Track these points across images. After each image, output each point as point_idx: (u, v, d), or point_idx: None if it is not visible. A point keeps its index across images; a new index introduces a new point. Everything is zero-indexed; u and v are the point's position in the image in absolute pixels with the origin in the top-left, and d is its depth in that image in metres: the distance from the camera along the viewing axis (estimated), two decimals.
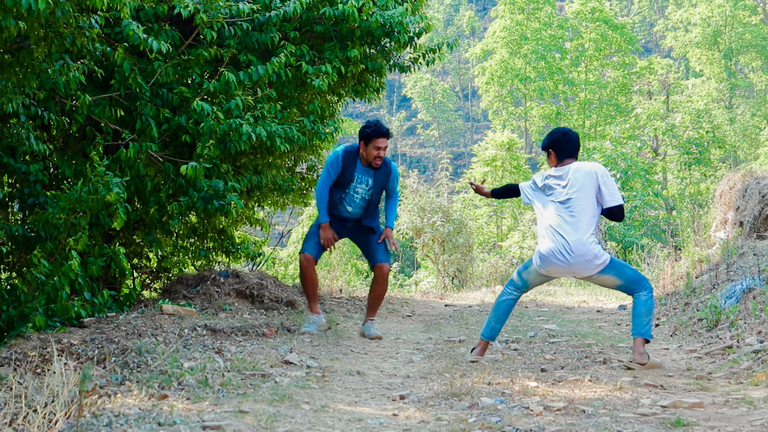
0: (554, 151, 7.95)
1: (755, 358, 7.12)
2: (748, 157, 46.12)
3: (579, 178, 7.71)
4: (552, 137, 8.03)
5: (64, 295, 8.24)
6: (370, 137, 9.28)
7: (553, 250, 7.63)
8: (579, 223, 7.61)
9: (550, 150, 7.98)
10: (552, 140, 8.00)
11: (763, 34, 54.25)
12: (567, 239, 7.57)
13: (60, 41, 8.08)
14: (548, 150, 8.01)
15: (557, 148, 7.94)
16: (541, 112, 50.08)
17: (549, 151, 8.00)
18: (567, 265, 7.62)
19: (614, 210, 7.75)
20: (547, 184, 7.89)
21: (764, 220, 13.77)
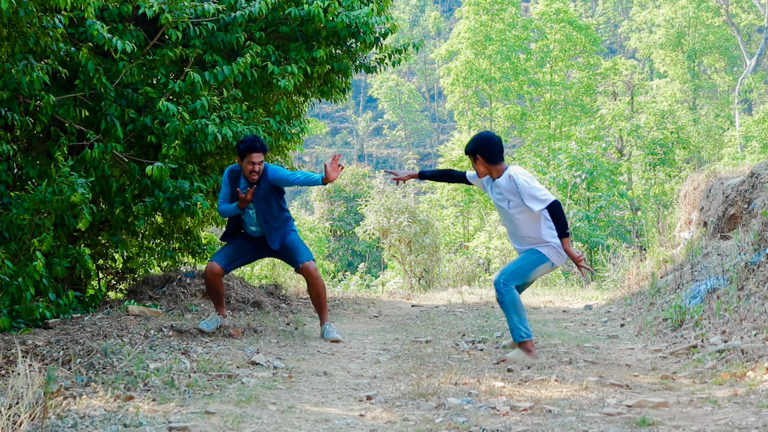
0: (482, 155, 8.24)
1: (719, 357, 7.16)
2: (712, 158, 46.46)
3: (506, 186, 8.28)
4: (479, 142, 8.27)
5: (28, 296, 8.19)
6: (244, 152, 8.92)
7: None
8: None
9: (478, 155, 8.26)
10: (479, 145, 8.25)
11: (726, 36, 54.65)
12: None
13: (23, 41, 8.04)
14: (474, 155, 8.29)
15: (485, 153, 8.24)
16: (507, 112, 50.15)
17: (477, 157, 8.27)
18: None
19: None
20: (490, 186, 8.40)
21: (728, 221, 13.87)
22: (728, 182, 14.56)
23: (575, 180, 27.49)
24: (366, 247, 35.68)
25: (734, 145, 44.84)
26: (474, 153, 8.22)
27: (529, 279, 8.32)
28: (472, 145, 8.24)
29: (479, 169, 8.26)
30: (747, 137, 43.72)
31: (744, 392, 5.82)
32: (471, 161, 8.32)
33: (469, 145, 8.27)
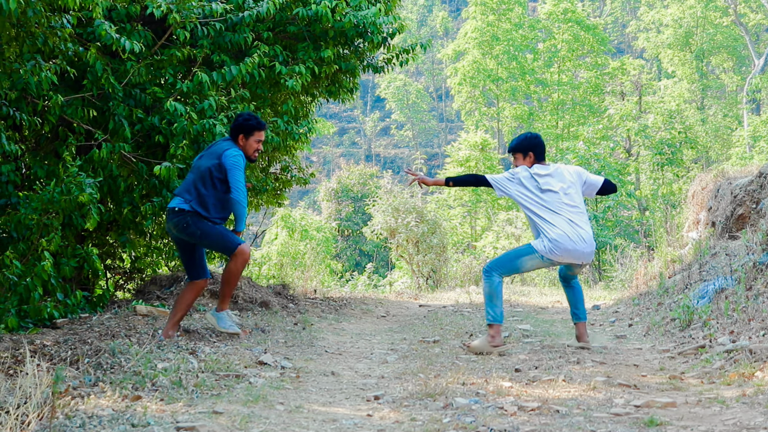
0: (534, 153, 8.66)
1: (727, 357, 7.15)
2: (720, 158, 46.39)
3: (569, 176, 8.59)
4: (532, 141, 8.73)
5: (36, 296, 8.21)
6: (253, 129, 8.69)
7: (570, 238, 8.32)
8: (584, 216, 8.48)
9: (530, 152, 8.67)
10: (533, 144, 8.71)
11: (734, 36, 54.59)
12: (584, 229, 8.37)
13: (32, 41, 8.04)
14: (526, 152, 8.69)
15: (537, 151, 8.67)
16: (514, 112, 50.18)
17: (528, 153, 8.68)
18: (580, 253, 8.38)
19: (605, 186, 8.80)
20: (536, 179, 8.53)
21: (736, 220, 13.85)
22: (736, 182, 14.54)
23: None
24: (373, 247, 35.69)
25: (742, 145, 44.78)
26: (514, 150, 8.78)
27: (519, 269, 8.65)
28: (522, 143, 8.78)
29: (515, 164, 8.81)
30: (755, 137, 43.66)
31: (752, 392, 5.80)
32: (518, 158, 8.77)
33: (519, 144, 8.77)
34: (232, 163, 8.46)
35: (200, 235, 8.42)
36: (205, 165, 8.52)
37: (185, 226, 8.40)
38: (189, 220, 8.40)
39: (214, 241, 8.51)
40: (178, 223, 8.43)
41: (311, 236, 26.69)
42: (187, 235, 8.47)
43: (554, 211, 8.38)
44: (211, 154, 8.57)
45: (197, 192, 8.44)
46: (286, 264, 18.49)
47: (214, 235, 8.46)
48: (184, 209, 8.42)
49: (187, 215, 8.41)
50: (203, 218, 8.44)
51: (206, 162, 8.53)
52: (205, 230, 8.41)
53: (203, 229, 8.41)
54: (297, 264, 18.85)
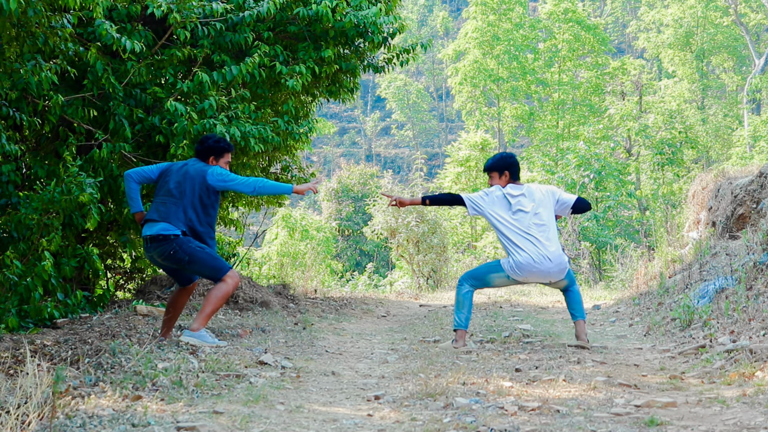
0: (510, 172, 8.97)
1: (728, 357, 7.15)
2: (721, 158, 46.37)
3: (540, 195, 8.86)
4: (508, 161, 9.04)
5: (37, 296, 8.21)
6: (222, 152, 8.44)
7: (534, 260, 8.58)
8: (551, 234, 8.69)
9: (506, 171, 8.98)
10: (508, 163, 9.01)
11: (735, 35, 54.55)
12: (547, 249, 8.59)
13: (32, 41, 8.05)
14: (502, 171, 8.99)
15: (513, 171, 8.99)
16: (514, 112, 50.14)
17: (504, 172, 8.99)
18: (545, 273, 8.63)
19: (578, 204, 9.08)
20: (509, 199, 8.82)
21: (736, 220, 13.85)
22: (737, 182, 14.55)
23: (583, 180, 27.48)
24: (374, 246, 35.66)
25: (743, 144, 44.76)
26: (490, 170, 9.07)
27: (489, 284, 9.05)
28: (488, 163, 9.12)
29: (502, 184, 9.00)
30: (755, 137, 43.66)
31: (753, 392, 5.80)
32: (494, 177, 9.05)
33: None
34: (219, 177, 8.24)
35: (188, 261, 8.08)
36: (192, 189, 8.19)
37: (172, 253, 8.07)
38: (176, 246, 8.06)
39: (204, 265, 8.14)
40: (163, 252, 8.08)
41: (311, 236, 26.69)
42: (174, 262, 8.16)
43: (522, 233, 8.66)
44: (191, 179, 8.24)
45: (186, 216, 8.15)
46: (286, 264, 18.49)
47: (203, 260, 8.12)
48: (169, 236, 8.09)
49: (174, 242, 8.07)
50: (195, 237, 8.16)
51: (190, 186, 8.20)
52: (193, 255, 8.08)
53: (191, 254, 8.07)
54: (297, 264, 18.85)
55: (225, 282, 8.10)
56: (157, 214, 8.13)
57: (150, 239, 8.10)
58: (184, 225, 8.10)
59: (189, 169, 8.30)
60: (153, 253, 8.15)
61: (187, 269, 8.23)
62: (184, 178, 8.22)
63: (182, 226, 8.09)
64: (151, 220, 8.15)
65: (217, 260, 8.19)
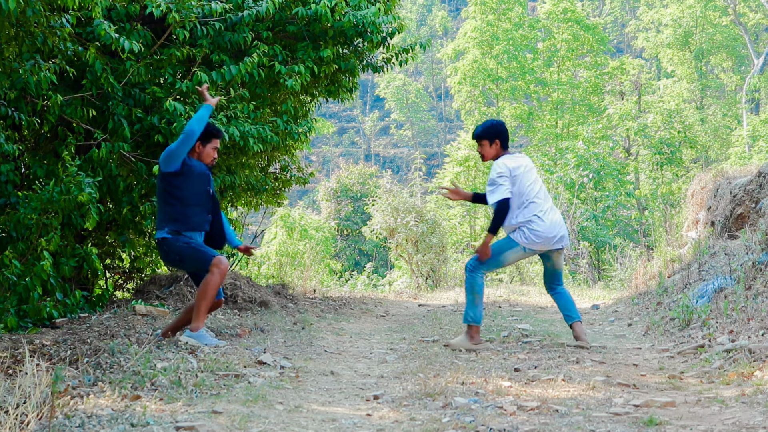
0: (500, 140, 8.72)
1: (727, 357, 7.15)
2: (719, 158, 46.37)
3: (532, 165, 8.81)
4: (498, 129, 8.75)
5: (36, 296, 8.21)
6: (209, 136, 8.30)
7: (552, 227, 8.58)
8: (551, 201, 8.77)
9: (496, 140, 8.71)
10: (498, 131, 8.73)
11: (734, 35, 54.54)
12: (557, 214, 8.71)
13: (31, 41, 8.05)
14: (493, 139, 8.71)
15: (503, 138, 8.75)
16: (514, 112, 50.13)
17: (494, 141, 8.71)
18: (560, 238, 8.67)
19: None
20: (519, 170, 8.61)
21: (735, 220, 13.85)
22: (736, 182, 14.55)
23: (582, 179, 27.51)
24: (373, 246, 35.66)
25: (741, 144, 44.75)
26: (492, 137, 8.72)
27: (502, 263, 8.93)
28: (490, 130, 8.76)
29: (490, 153, 8.76)
30: (754, 137, 43.63)
31: (751, 392, 5.81)
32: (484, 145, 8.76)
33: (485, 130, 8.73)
34: (163, 155, 8.14)
35: (179, 260, 8.12)
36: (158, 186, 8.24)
37: (164, 255, 8.18)
38: (166, 248, 8.08)
39: (192, 260, 8.08)
40: (163, 257, 8.26)
41: (310, 236, 26.69)
42: (172, 263, 8.31)
43: (540, 201, 8.60)
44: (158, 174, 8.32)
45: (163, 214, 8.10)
46: (285, 263, 18.46)
47: (189, 255, 8.06)
48: (158, 238, 8.15)
49: (163, 244, 8.09)
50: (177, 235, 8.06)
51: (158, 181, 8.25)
52: (181, 252, 8.05)
53: (179, 252, 8.05)
54: (296, 264, 18.83)
55: (211, 272, 7.97)
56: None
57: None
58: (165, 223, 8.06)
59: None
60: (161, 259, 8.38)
61: (181, 267, 8.37)
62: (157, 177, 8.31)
63: (163, 230, 8.05)
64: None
65: (201, 252, 8.06)
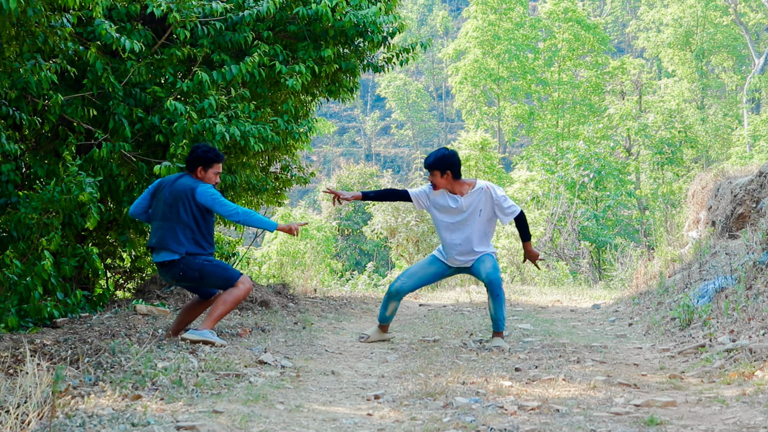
0: (452, 171, 8.79)
1: (728, 357, 7.15)
2: (720, 157, 46.37)
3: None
4: (450, 159, 8.79)
5: (36, 296, 8.21)
6: (210, 162, 8.29)
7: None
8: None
9: (448, 171, 8.78)
10: (450, 162, 8.79)
11: (734, 35, 54.55)
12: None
13: (32, 40, 8.04)
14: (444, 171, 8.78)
15: (455, 169, 8.83)
16: (514, 111, 50.22)
17: (446, 172, 8.78)
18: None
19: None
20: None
21: (736, 220, 13.85)
22: (736, 181, 14.55)
23: (583, 179, 27.51)
24: (374, 246, 35.66)
25: (742, 144, 44.78)
26: (444, 168, 8.72)
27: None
28: (441, 161, 8.73)
29: (441, 183, 8.80)
30: (755, 136, 43.67)
31: (752, 392, 5.81)
32: (436, 175, 8.76)
33: (437, 161, 8.74)
34: (209, 198, 8.14)
35: (199, 277, 8.17)
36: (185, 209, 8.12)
37: (182, 274, 8.15)
38: (183, 267, 8.11)
39: (216, 277, 8.20)
40: (174, 275, 8.18)
41: (311, 235, 26.69)
42: (188, 281, 8.28)
43: None
44: (179, 196, 8.14)
45: (185, 236, 8.12)
46: (286, 263, 18.49)
47: (213, 273, 8.20)
48: (174, 260, 8.11)
49: (179, 264, 8.11)
50: (198, 255, 8.16)
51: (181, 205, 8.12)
52: (203, 270, 8.15)
53: (201, 270, 8.14)
54: (297, 263, 18.84)
55: (237, 287, 8.18)
56: (155, 240, 8.17)
57: (159, 265, 8.21)
58: (185, 244, 8.11)
59: (178, 187, 8.20)
60: (166, 276, 8.26)
61: (200, 284, 8.32)
62: (174, 199, 8.16)
63: (183, 247, 8.10)
64: (154, 247, 8.22)
65: (227, 270, 8.27)
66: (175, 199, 8.14)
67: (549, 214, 26.07)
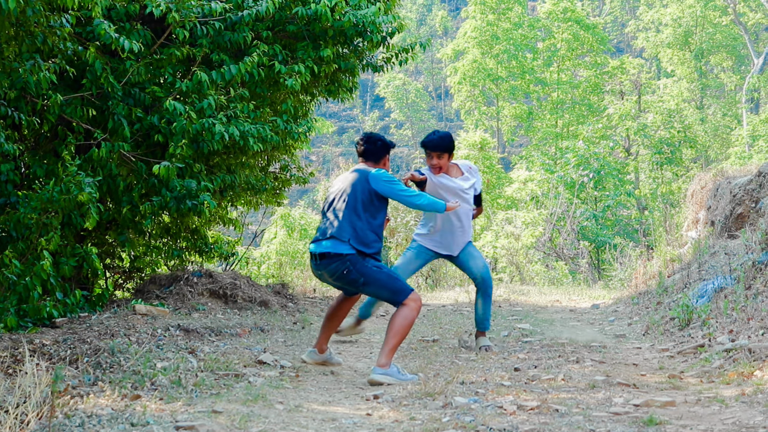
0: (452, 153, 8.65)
1: (727, 356, 7.15)
2: (719, 157, 46.36)
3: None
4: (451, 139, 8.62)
5: (35, 296, 8.20)
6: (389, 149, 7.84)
7: None
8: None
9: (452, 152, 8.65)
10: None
11: (734, 35, 54.52)
12: None
13: (31, 40, 8.04)
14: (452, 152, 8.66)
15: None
16: (513, 111, 50.21)
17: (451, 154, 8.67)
18: None
19: None
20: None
21: (735, 220, 13.85)
22: (735, 181, 14.55)
23: (582, 179, 27.51)
24: None
25: (741, 144, 44.76)
26: (451, 149, 8.60)
27: None
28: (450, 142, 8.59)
29: (445, 165, 8.63)
30: (754, 136, 43.64)
31: (751, 391, 5.81)
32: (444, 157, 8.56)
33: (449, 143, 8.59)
34: (387, 182, 7.51)
35: (363, 282, 7.37)
36: (354, 197, 7.49)
37: (345, 273, 7.35)
38: (349, 266, 7.34)
39: (382, 287, 7.40)
40: (335, 271, 7.38)
41: (311, 235, 26.67)
42: (347, 283, 7.48)
43: None
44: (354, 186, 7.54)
45: (353, 228, 7.40)
46: (285, 263, 18.49)
47: (380, 281, 7.38)
48: (342, 254, 7.34)
49: (347, 260, 7.34)
50: (365, 256, 7.40)
51: (353, 193, 7.51)
52: (369, 275, 7.36)
53: (367, 275, 7.36)
54: (296, 263, 18.84)
55: (408, 306, 7.32)
56: (321, 231, 7.56)
57: (319, 256, 7.46)
58: (353, 240, 7.38)
59: (353, 176, 7.65)
60: (323, 271, 7.50)
61: (361, 290, 7.55)
62: (348, 187, 7.58)
63: (352, 244, 7.37)
64: (318, 238, 7.56)
65: (397, 281, 7.44)
66: (350, 186, 7.58)
67: (548, 213, 26.07)
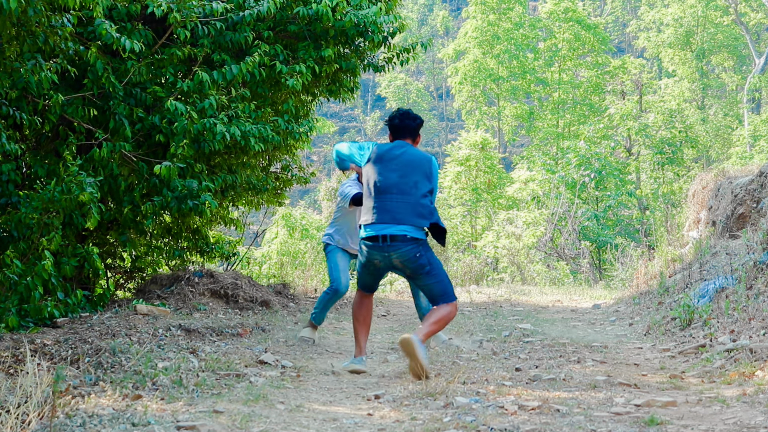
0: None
1: (728, 356, 7.15)
2: (721, 157, 46.36)
3: None
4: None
5: (37, 295, 8.20)
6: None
7: None
8: None
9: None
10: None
11: (735, 35, 54.52)
12: None
13: (32, 40, 8.04)
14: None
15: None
16: (514, 111, 50.21)
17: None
18: None
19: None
20: None
21: (737, 220, 13.85)
22: (737, 181, 14.55)
23: (584, 179, 27.51)
24: None
25: (743, 144, 44.77)
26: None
27: None
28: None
29: None
30: (755, 136, 43.67)
31: (753, 392, 5.81)
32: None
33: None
34: (437, 173, 7.46)
35: (428, 271, 7.23)
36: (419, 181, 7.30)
37: (417, 256, 7.17)
38: (422, 250, 7.19)
39: (440, 282, 7.28)
40: (406, 254, 7.16)
41: (312, 235, 26.68)
42: (412, 269, 7.27)
43: None
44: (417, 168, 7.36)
45: (419, 214, 7.21)
46: (286, 263, 18.44)
47: (440, 275, 7.29)
48: (418, 238, 7.18)
49: (420, 245, 7.19)
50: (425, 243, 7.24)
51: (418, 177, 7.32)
52: (434, 266, 7.24)
53: (433, 264, 7.24)
54: (297, 263, 18.81)
55: (452, 306, 7.28)
56: (390, 215, 7.22)
57: (390, 238, 7.16)
58: (425, 226, 7.23)
59: (409, 157, 7.44)
60: (391, 253, 7.21)
61: (418, 278, 7.30)
62: (408, 168, 7.36)
63: (426, 230, 7.25)
64: (381, 222, 7.23)
65: (450, 283, 7.37)
66: (411, 168, 7.38)
67: (549, 213, 26.07)
